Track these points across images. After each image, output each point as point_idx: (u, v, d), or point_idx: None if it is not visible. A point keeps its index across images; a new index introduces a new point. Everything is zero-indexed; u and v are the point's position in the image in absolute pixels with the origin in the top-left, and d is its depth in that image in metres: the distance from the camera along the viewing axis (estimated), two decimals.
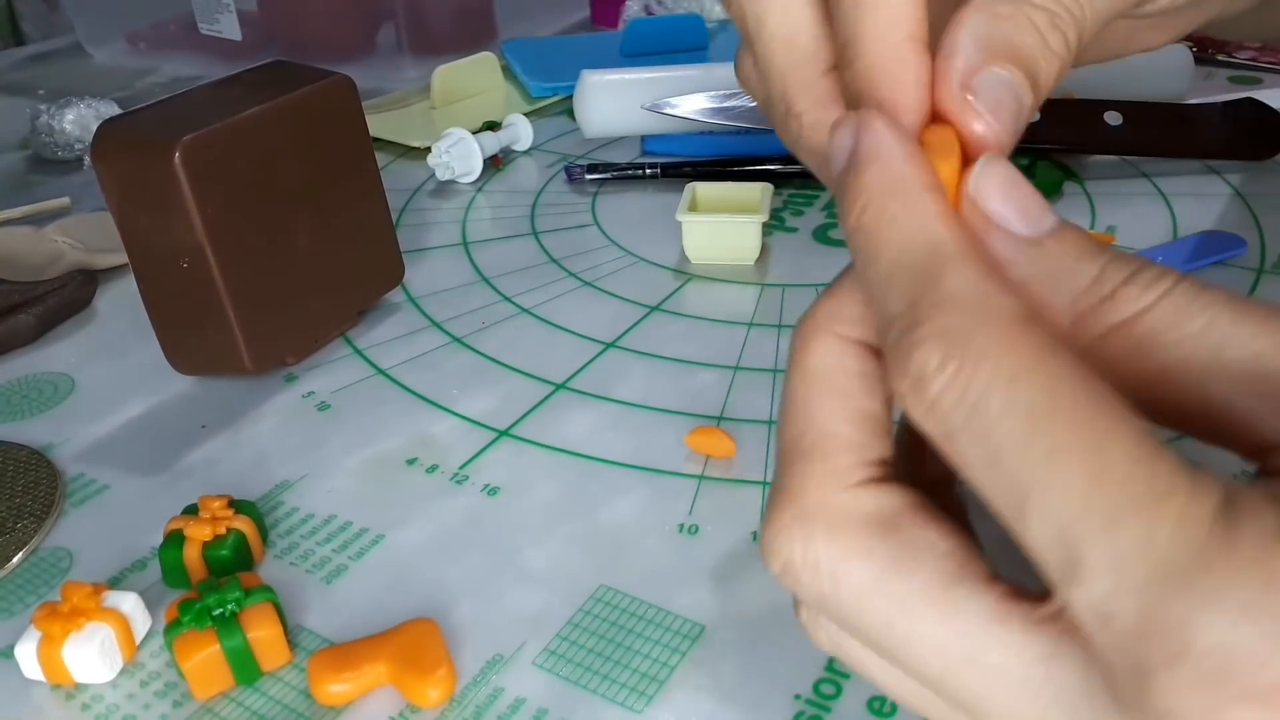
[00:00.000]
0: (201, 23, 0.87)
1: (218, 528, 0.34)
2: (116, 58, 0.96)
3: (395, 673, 0.30)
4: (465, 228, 0.59)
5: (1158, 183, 0.57)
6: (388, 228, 0.49)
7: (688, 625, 0.32)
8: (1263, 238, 0.51)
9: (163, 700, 0.31)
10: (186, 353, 0.44)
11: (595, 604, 0.33)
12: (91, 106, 0.71)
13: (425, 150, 0.65)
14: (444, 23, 0.87)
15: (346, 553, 0.36)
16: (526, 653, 0.31)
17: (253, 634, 0.30)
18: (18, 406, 0.45)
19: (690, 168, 0.60)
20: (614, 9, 0.93)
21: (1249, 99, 0.57)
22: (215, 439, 0.42)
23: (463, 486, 0.39)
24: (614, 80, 0.65)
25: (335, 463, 0.40)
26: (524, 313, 0.50)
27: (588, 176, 0.62)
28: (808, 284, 0.50)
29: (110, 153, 0.40)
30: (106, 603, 0.32)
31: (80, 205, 0.64)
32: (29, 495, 0.39)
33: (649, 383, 0.44)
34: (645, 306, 0.49)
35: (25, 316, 0.49)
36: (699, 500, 0.37)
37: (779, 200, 0.58)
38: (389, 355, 0.47)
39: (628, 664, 0.31)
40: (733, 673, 0.30)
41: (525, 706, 0.30)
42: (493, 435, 0.41)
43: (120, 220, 0.41)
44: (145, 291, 0.43)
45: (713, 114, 0.61)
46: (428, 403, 0.43)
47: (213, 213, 0.40)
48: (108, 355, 0.49)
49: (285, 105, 0.43)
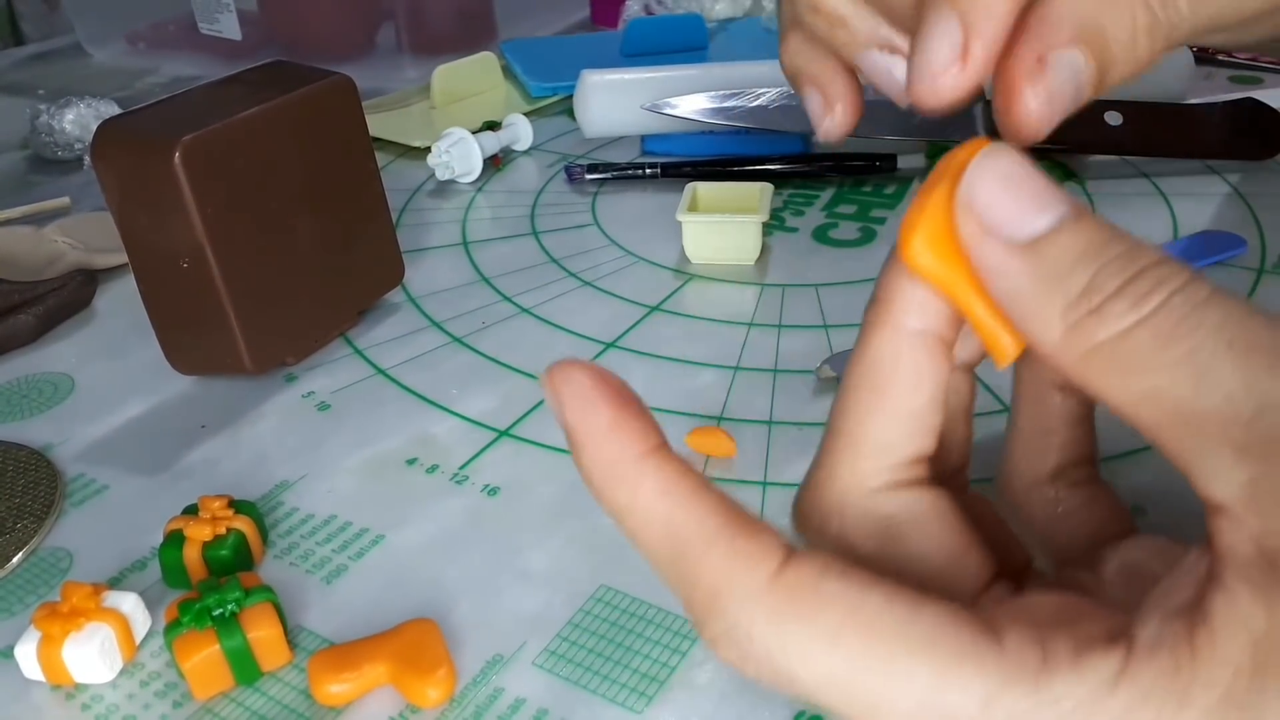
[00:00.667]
0: (201, 23, 0.87)
1: (218, 528, 0.34)
2: (116, 58, 0.96)
3: (395, 673, 0.30)
4: (465, 228, 0.59)
5: (1158, 183, 0.57)
6: (388, 228, 0.49)
7: (688, 625, 0.32)
8: (1263, 238, 0.51)
9: (163, 700, 0.31)
10: (186, 353, 0.44)
11: (595, 604, 0.33)
12: (91, 106, 0.71)
13: (425, 150, 0.65)
14: (444, 23, 0.87)
15: (346, 553, 0.36)
16: (526, 653, 0.31)
17: (253, 634, 0.30)
18: (18, 406, 0.45)
19: (690, 168, 0.60)
20: (614, 9, 0.93)
21: (1249, 99, 0.57)
22: (215, 439, 0.42)
23: (463, 486, 0.39)
24: (614, 80, 0.65)
25: (335, 463, 0.40)
26: (524, 313, 0.50)
27: (588, 176, 0.62)
28: (808, 284, 0.50)
29: (110, 153, 0.40)
30: (106, 603, 0.32)
31: (80, 205, 0.64)
32: (29, 495, 0.39)
33: (649, 383, 0.44)
34: (645, 306, 0.49)
35: (25, 316, 0.49)
36: None
37: (779, 200, 0.58)
38: (389, 355, 0.47)
39: (628, 664, 0.31)
40: (733, 673, 0.30)
41: (525, 706, 0.30)
42: (493, 435, 0.41)
43: (120, 220, 0.41)
44: (145, 291, 0.43)
45: (713, 114, 0.61)
46: (428, 403, 0.43)
47: (213, 213, 0.40)
48: (108, 355, 0.49)
49: (285, 105, 0.43)
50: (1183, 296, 0.17)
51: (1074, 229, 0.18)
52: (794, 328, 0.47)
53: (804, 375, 0.43)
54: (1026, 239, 0.18)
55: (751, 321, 0.47)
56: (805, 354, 0.45)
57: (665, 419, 0.41)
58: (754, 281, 0.51)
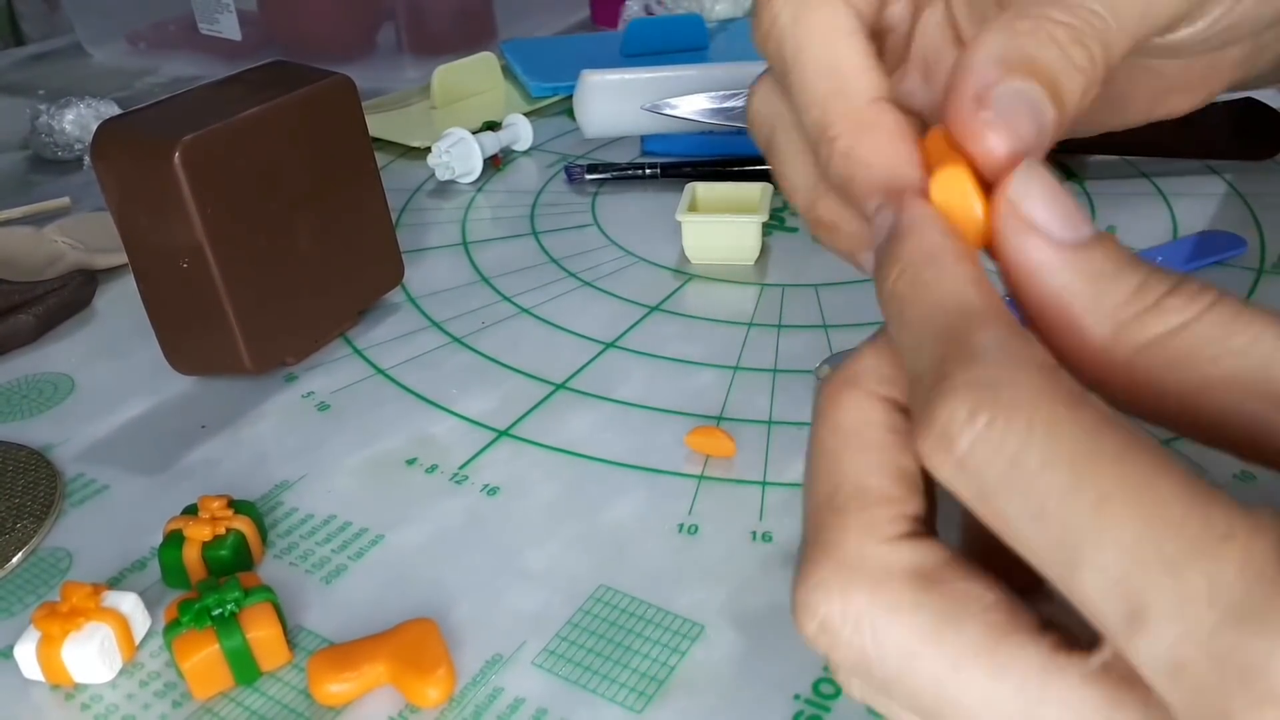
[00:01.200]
0: (201, 23, 0.87)
1: (217, 528, 0.34)
2: (116, 58, 0.96)
3: (395, 673, 0.30)
4: (465, 228, 0.59)
5: (1158, 183, 0.57)
6: (388, 228, 0.49)
7: (688, 625, 0.32)
8: (1263, 238, 0.51)
9: (162, 700, 0.31)
10: (186, 353, 0.44)
11: (595, 604, 0.33)
12: (91, 106, 0.71)
13: (425, 150, 0.65)
14: (444, 23, 0.87)
15: (346, 553, 0.36)
16: (526, 653, 0.31)
17: (252, 634, 0.30)
18: (18, 406, 0.45)
19: (690, 168, 0.60)
20: (614, 9, 0.93)
21: (1249, 99, 0.57)
22: (215, 439, 0.42)
23: (462, 486, 0.39)
24: (614, 80, 0.65)
25: (335, 463, 0.40)
26: (524, 313, 0.50)
27: (588, 176, 0.62)
28: (808, 284, 0.50)
29: (110, 153, 0.40)
30: (106, 603, 0.32)
31: (80, 205, 0.64)
32: (29, 495, 0.39)
33: (649, 383, 0.44)
34: (645, 306, 0.49)
35: (25, 316, 0.49)
36: (699, 500, 0.37)
37: (779, 200, 0.58)
38: (389, 355, 0.47)
39: (628, 664, 0.31)
40: (733, 673, 0.30)
41: (525, 706, 0.30)
42: (492, 435, 0.41)
43: (120, 220, 0.41)
44: (145, 291, 0.43)
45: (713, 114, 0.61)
46: (428, 403, 0.43)
47: (213, 213, 0.40)
48: (108, 355, 0.49)
49: (285, 105, 0.43)
50: (1230, 298, 0.18)
51: (1112, 241, 0.19)
52: (794, 328, 0.47)
53: (804, 375, 0.43)
54: (1075, 241, 0.19)
55: (751, 321, 0.47)
56: (805, 354, 0.45)
57: (665, 419, 0.41)
58: (754, 281, 0.51)
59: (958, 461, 0.17)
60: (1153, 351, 0.18)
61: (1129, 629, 0.15)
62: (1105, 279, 0.18)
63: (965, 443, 0.16)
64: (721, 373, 0.44)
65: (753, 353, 0.45)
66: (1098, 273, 0.18)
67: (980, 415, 0.16)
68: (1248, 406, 0.17)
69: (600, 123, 0.65)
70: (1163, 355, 0.18)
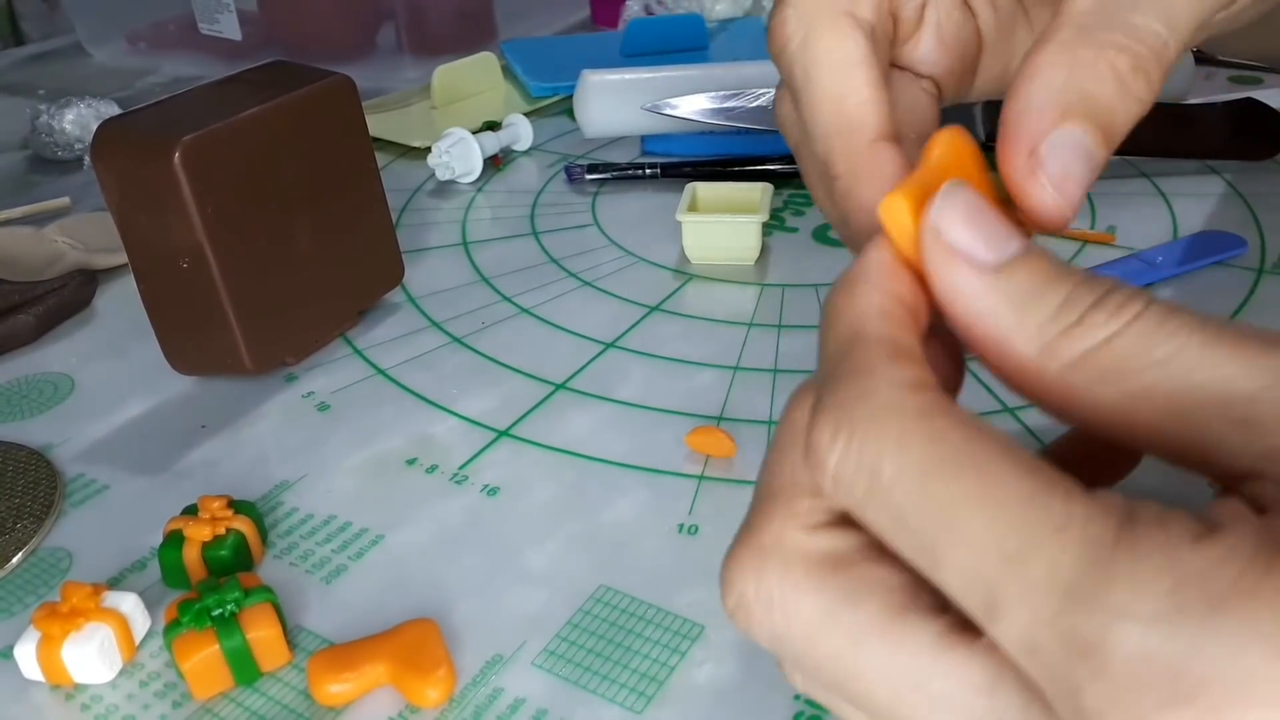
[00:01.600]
0: (201, 23, 0.87)
1: (217, 528, 0.34)
2: (116, 58, 0.96)
3: (395, 673, 0.30)
4: (465, 228, 0.59)
5: (1158, 183, 0.57)
6: (388, 228, 0.49)
7: (688, 625, 0.32)
8: (1263, 237, 0.51)
9: (162, 700, 0.31)
10: (186, 353, 0.44)
11: (595, 604, 0.33)
12: (91, 106, 0.71)
13: (425, 150, 0.65)
14: (444, 23, 0.87)
15: (346, 553, 0.36)
16: (526, 653, 0.31)
17: (252, 634, 0.30)
18: (18, 406, 0.45)
19: (690, 168, 0.60)
20: (614, 9, 0.93)
21: (1249, 99, 0.57)
22: (215, 439, 0.42)
23: (462, 486, 0.39)
24: (614, 80, 0.65)
25: (335, 463, 0.40)
26: (524, 313, 0.50)
27: (588, 176, 0.62)
28: (807, 284, 0.50)
29: (110, 153, 0.40)
30: (106, 603, 0.32)
31: (80, 205, 0.64)
32: (29, 495, 0.39)
33: (649, 383, 0.44)
34: (645, 306, 0.49)
35: (25, 316, 0.49)
36: (699, 500, 0.37)
37: (779, 200, 0.58)
38: (389, 355, 0.47)
39: (628, 664, 0.31)
40: (733, 673, 0.30)
41: (525, 707, 0.30)
42: (492, 435, 0.41)
43: (120, 220, 0.41)
44: (145, 291, 0.43)
45: (713, 114, 0.61)
46: (427, 403, 0.43)
47: (213, 213, 0.40)
48: (108, 355, 0.49)
49: (285, 105, 0.43)
50: (1156, 306, 0.18)
51: (1037, 257, 0.19)
52: (794, 328, 0.47)
53: (804, 375, 0.43)
54: (996, 263, 0.19)
55: (751, 321, 0.47)
56: (805, 354, 0.45)
57: (665, 419, 0.41)
58: (754, 281, 0.51)
59: (832, 480, 0.18)
60: (1080, 368, 0.18)
61: (988, 618, 0.16)
62: (1029, 298, 0.19)
63: (832, 462, 0.18)
64: (722, 373, 0.44)
65: (753, 353, 0.45)
66: (1022, 292, 0.19)
67: (840, 435, 0.18)
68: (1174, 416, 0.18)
69: (600, 123, 0.65)
70: (1091, 370, 0.18)
